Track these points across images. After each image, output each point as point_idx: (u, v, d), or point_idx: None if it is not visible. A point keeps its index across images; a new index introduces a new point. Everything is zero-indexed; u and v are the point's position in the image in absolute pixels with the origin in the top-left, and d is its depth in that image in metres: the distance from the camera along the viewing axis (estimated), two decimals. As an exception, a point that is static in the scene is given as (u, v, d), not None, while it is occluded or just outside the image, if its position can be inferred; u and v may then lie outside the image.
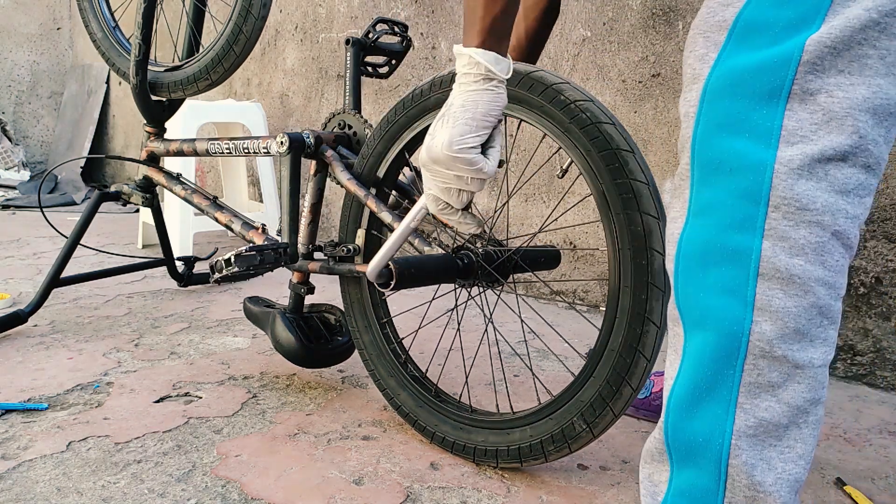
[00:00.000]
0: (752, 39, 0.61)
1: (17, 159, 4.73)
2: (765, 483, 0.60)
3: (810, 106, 0.58)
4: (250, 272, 1.20)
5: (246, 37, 1.44)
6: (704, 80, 0.64)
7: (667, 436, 0.66)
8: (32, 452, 1.06)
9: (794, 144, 0.58)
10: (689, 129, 0.65)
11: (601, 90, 1.96)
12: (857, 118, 0.57)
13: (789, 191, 0.58)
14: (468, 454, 1.08)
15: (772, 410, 0.60)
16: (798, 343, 0.59)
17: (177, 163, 2.55)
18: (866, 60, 0.57)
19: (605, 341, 0.92)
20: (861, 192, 0.59)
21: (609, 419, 0.93)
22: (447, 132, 0.82)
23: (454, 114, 0.83)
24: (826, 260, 0.58)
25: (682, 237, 0.65)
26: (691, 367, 0.64)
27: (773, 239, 0.59)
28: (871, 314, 1.49)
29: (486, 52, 0.81)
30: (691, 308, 0.64)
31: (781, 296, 0.59)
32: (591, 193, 0.94)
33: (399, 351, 1.21)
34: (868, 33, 0.56)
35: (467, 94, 0.82)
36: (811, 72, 0.58)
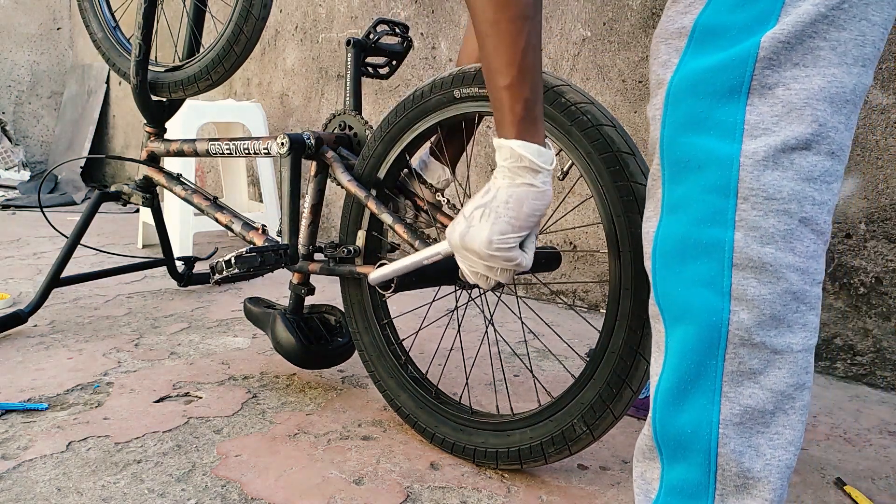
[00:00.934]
0: (710, 43, 0.63)
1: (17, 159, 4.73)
2: (754, 469, 0.62)
3: (770, 99, 0.60)
4: (251, 273, 1.20)
5: (246, 37, 1.44)
6: (667, 84, 0.66)
7: (655, 432, 0.67)
8: (32, 452, 1.06)
9: (757, 137, 0.60)
10: (657, 132, 0.68)
11: (601, 90, 1.96)
12: (815, 107, 0.59)
13: (756, 182, 0.60)
14: (468, 455, 1.08)
15: (756, 397, 0.61)
16: (775, 329, 0.61)
17: (177, 163, 2.55)
18: (819, 52, 0.59)
19: (606, 343, 0.92)
20: (827, 179, 0.61)
21: (609, 421, 0.93)
22: (487, 228, 0.80)
23: (497, 209, 0.80)
24: (796, 246, 0.60)
25: (658, 235, 0.67)
26: (674, 362, 0.65)
27: (745, 229, 0.61)
28: (871, 314, 1.49)
29: (527, 145, 0.79)
30: (670, 303, 0.66)
31: (756, 284, 0.60)
32: (592, 195, 0.94)
33: (399, 352, 1.21)
34: (818, 27, 0.59)
35: (512, 190, 0.80)
36: (768, 67, 0.60)
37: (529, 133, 0.79)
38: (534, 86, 0.78)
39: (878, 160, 1.45)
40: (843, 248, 1.52)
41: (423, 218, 1.22)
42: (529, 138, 0.79)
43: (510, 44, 0.75)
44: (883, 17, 0.60)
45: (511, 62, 0.76)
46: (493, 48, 0.76)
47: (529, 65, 0.77)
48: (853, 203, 1.49)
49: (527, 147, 0.78)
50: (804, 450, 1.18)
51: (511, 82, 0.77)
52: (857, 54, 0.60)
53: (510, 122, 0.79)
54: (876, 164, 1.46)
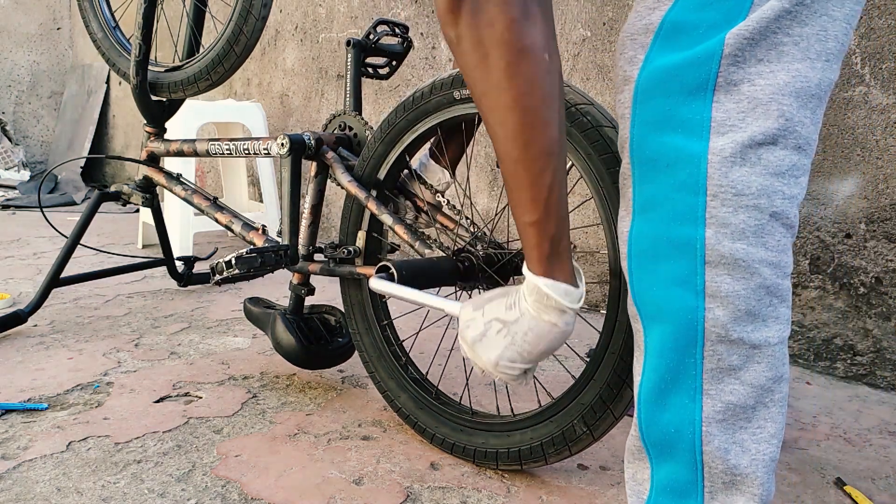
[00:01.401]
0: (677, 40, 0.63)
1: (17, 159, 4.73)
2: (741, 466, 0.62)
3: (735, 96, 0.60)
4: (251, 274, 1.20)
5: (246, 37, 1.44)
6: (634, 82, 0.66)
7: (642, 432, 0.67)
8: (32, 452, 1.06)
9: (724, 134, 0.61)
10: (626, 130, 0.67)
11: (601, 90, 1.96)
12: (781, 102, 0.60)
13: (724, 178, 0.60)
14: (468, 456, 1.08)
15: (737, 393, 0.62)
16: (752, 324, 0.61)
17: (177, 163, 2.55)
18: (782, 48, 0.60)
19: (606, 344, 0.92)
20: (795, 173, 0.61)
21: (609, 422, 0.93)
22: (500, 349, 0.80)
23: (515, 334, 0.79)
24: (767, 241, 0.61)
25: (631, 234, 0.67)
26: (654, 361, 0.66)
27: (715, 226, 0.61)
28: (871, 314, 1.49)
29: (555, 285, 0.76)
30: (647, 303, 0.66)
31: (729, 280, 0.61)
32: (592, 196, 0.94)
33: (399, 353, 1.21)
34: (781, 22, 0.59)
35: (535, 324, 0.78)
36: (733, 63, 0.60)
37: (557, 270, 0.76)
38: (559, 222, 0.75)
39: (878, 160, 1.45)
40: (843, 248, 1.52)
41: (423, 219, 1.22)
42: (558, 276, 0.76)
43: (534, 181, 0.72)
44: (844, 13, 0.61)
45: (536, 199, 0.73)
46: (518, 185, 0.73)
47: (555, 201, 0.74)
48: (853, 203, 1.49)
49: (555, 287, 0.76)
50: (804, 450, 1.18)
51: (537, 219, 0.74)
52: (820, 49, 0.60)
53: (536, 259, 0.76)
54: (876, 164, 1.46)
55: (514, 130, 0.70)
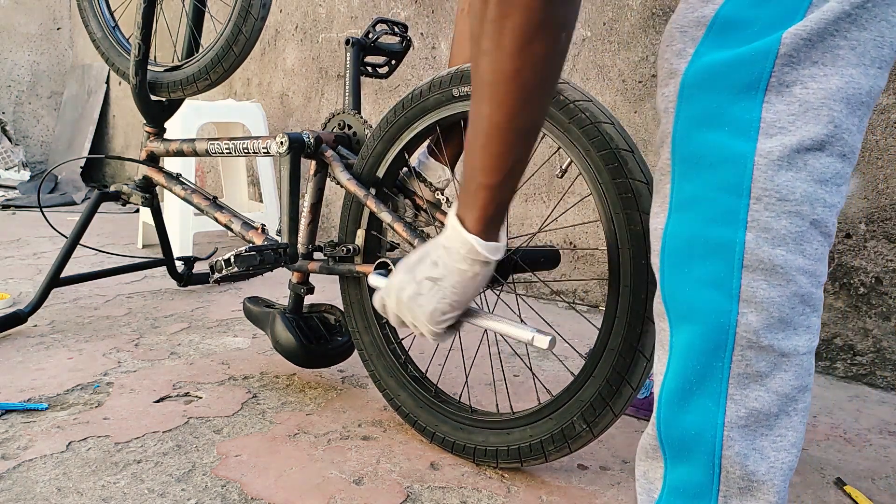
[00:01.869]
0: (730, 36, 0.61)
1: (17, 159, 4.73)
2: (758, 472, 0.61)
3: (787, 98, 0.59)
4: (250, 272, 1.20)
5: (245, 37, 1.44)
6: (682, 76, 0.64)
7: (660, 432, 0.66)
8: (32, 452, 1.06)
9: (772, 136, 0.59)
10: (669, 125, 0.65)
11: (601, 90, 1.96)
12: (832, 108, 0.58)
13: (770, 182, 0.59)
14: (468, 454, 1.08)
15: (762, 400, 0.61)
16: (783, 332, 0.60)
17: (177, 163, 2.55)
18: (838, 51, 0.58)
19: (605, 341, 0.92)
20: (838, 181, 0.60)
21: (609, 419, 0.93)
22: (432, 304, 0.84)
23: (444, 289, 0.83)
24: (805, 249, 0.59)
25: (667, 232, 0.66)
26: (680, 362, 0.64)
27: (756, 230, 0.59)
28: (871, 314, 1.49)
29: (486, 244, 0.79)
30: (677, 302, 0.65)
31: (765, 286, 0.59)
32: (591, 193, 0.94)
33: (399, 351, 1.21)
34: (840, 25, 0.57)
35: (462, 275, 0.81)
36: (787, 64, 0.58)
37: (492, 231, 0.79)
38: (511, 191, 0.77)
39: (878, 160, 1.45)
40: (843, 248, 1.52)
41: (422, 217, 1.22)
42: (491, 237, 0.79)
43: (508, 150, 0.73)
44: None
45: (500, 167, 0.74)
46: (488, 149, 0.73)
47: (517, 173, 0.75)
48: (853, 203, 1.49)
49: (486, 246, 0.79)
50: (804, 450, 1.18)
51: (494, 184, 0.75)
52: (875, 55, 0.59)
53: (477, 218, 0.78)
54: (876, 164, 1.46)
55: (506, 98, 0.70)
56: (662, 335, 0.68)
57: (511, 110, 0.70)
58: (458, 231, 0.79)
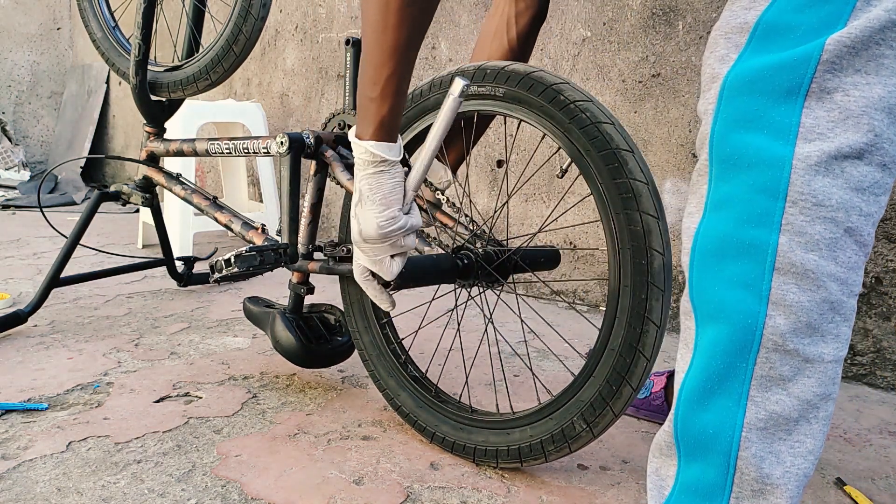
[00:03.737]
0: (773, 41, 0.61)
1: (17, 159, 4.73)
2: (773, 476, 0.61)
3: (827, 104, 0.59)
4: (250, 272, 1.20)
5: (246, 37, 1.44)
6: (723, 79, 0.64)
7: (676, 429, 0.66)
8: (32, 452, 1.06)
9: (811, 141, 0.59)
10: (708, 126, 0.66)
11: (601, 90, 1.96)
12: (872, 117, 0.58)
13: (807, 186, 0.59)
14: (468, 454, 1.08)
15: (782, 404, 0.61)
16: (809, 337, 0.60)
17: (177, 163, 2.55)
18: (882, 60, 0.58)
19: (605, 341, 0.92)
20: (876, 191, 0.59)
21: (609, 419, 0.93)
22: (371, 215, 0.90)
23: (367, 198, 0.90)
24: (838, 256, 0.59)
25: (699, 231, 0.66)
26: (703, 360, 0.64)
27: (790, 234, 0.59)
28: (871, 314, 1.49)
29: (379, 144, 0.88)
30: (705, 301, 0.65)
31: (796, 290, 0.59)
32: (591, 193, 0.94)
33: (399, 351, 1.21)
34: (886, 34, 0.57)
35: (370, 178, 0.90)
36: (829, 70, 0.58)
37: (385, 135, 0.89)
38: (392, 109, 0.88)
39: (878, 159, 1.45)
40: (843, 247, 1.52)
41: (423, 217, 1.22)
42: (385, 139, 0.89)
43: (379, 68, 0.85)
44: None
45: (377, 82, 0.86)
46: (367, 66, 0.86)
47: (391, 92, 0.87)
48: (853, 202, 1.49)
49: (378, 146, 0.88)
50: (804, 449, 1.18)
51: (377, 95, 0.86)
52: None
53: (370, 127, 0.88)
54: (876, 163, 1.46)
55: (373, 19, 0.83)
56: (687, 333, 0.68)
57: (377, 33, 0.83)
58: (356, 143, 0.90)
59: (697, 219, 0.67)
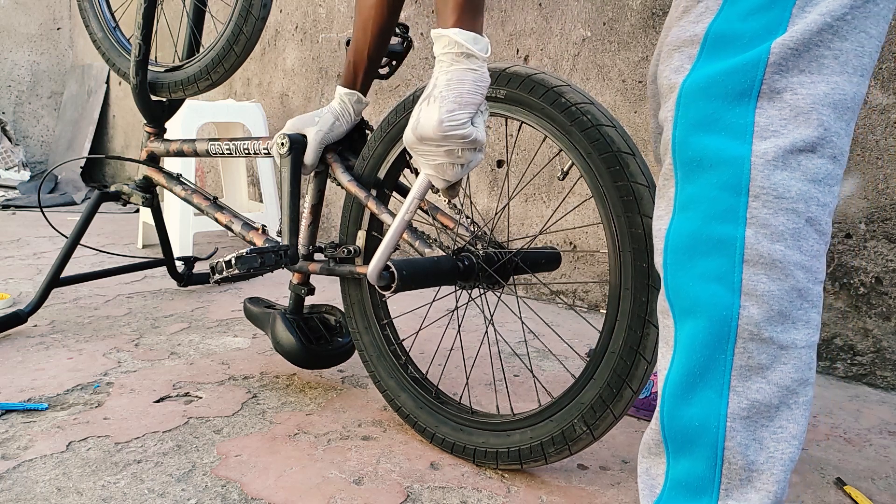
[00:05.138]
0: (723, 49, 0.66)
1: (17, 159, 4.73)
2: (757, 462, 0.63)
3: (778, 103, 0.63)
4: (251, 274, 1.20)
5: (246, 37, 1.44)
6: (679, 88, 0.68)
7: (663, 426, 0.68)
8: (32, 452, 1.06)
9: (766, 139, 0.63)
10: (669, 133, 0.70)
11: (601, 90, 1.96)
12: (820, 112, 0.62)
13: (767, 181, 0.62)
14: (468, 455, 1.08)
15: (763, 392, 0.63)
16: (782, 325, 0.63)
17: (177, 163, 2.55)
18: (822, 60, 0.62)
19: (606, 343, 0.92)
20: (830, 182, 0.63)
21: (610, 421, 0.93)
22: (436, 111, 0.83)
23: (440, 93, 0.84)
24: (802, 245, 0.62)
25: (670, 231, 0.69)
26: (684, 355, 0.66)
27: (756, 226, 0.63)
28: (871, 314, 1.49)
29: (463, 32, 0.83)
30: (681, 298, 0.67)
31: (766, 280, 0.62)
32: (592, 196, 0.94)
33: (399, 352, 1.21)
34: (823, 36, 0.62)
35: (451, 73, 0.83)
36: (777, 72, 0.63)
37: (468, 22, 0.83)
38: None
39: (878, 160, 1.45)
40: (843, 248, 1.52)
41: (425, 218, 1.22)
42: (468, 27, 0.83)
43: None
44: (878, 31, 0.64)
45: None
46: None
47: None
48: (853, 203, 1.49)
49: (462, 34, 0.82)
50: (804, 450, 1.18)
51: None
52: (857, 64, 0.63)
53: (452, 9, 0.82)
54: (876, 164, 1.46)
55: None
56: (666, 332, 0.70)
57: None
58: (437, 34, 0.84)
59: (667, 221, 0.70)
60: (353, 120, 1.23)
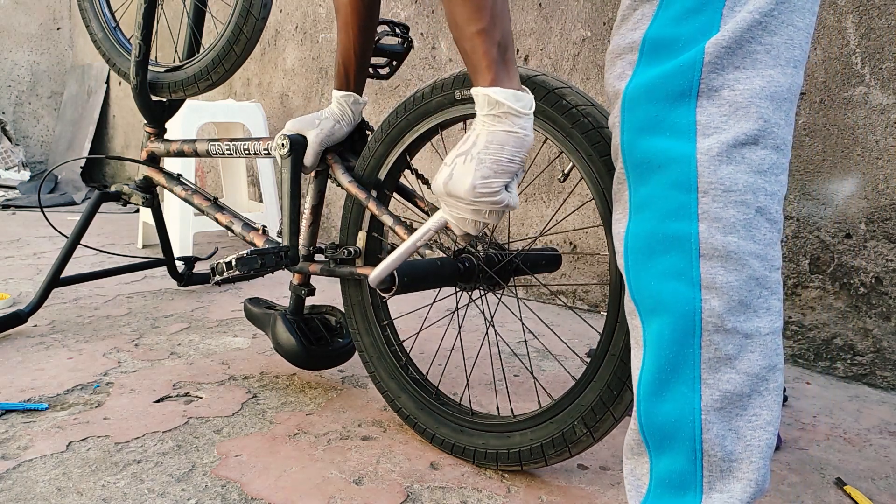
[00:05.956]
0: (660, 53, 0.68)
1: (17, 159, 4.73)
2: (736, 451, 0.64)
3: (717, 100, 0.65)
4: (251, 275, 1.20)
5: (246, 37, 1.44)
6: (622, 94, 0.70)
7: (641, 425, 0.69)
8: (32, 452, 1.06)
9: (709, 136, 0.65)
10: (617, 138, 0.71)
11: (601, 91, 1.96)
12: (759, 105, 0.64)
13: (714, 175, 0.64)
14: (468, 457, 1.08)
15: (733, 382, 0.64)
16: (744, 314, 0.64)
17: (177, 163, 2.55)
18: (756, 56, 0.64)
19: (607, 345, 0.92)
20: (775, 171, 0.65)
21: (610, 423, 0.93)
22: (470, 174, 0.80)
23: (478, 154, 0.80)
24: (755, 235, 0.64)
25: (628, 234, 0.71)
26: (653, 353, 0.68)
27: (708, 221, 0.64)
28: (871, 314, 1.49)
29: (503, 90, 0.79)
30: (645, 297, 0.69)
31: (723, 272, 0.64)
32: (593, 197, 0.94)
33: (400, 353, 1.21)
34: (754, 32, 0.64)
35: (492, 135, 0.80)
36: (713, 71, 0.65)
37: (505, 79, 0.80)
38: (505, 30, 0.79)
39: (878, 160, 1.45)
40: (843, 248, 1.52)
41: (424, 218, 1.22)
42: (506, 84, 0.80)
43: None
44: (805, 23, 0.66)
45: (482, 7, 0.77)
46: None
47: (500, 9, 0.78)
48: (853, 203, 1.49)
49: (503, 93, 0.79)
50: (804, 450, 1.18)
51: (484, 27, 0.77)
52: (788, 56, 0.65)
53: (485, 68, 0.79)
54: (876, 164, 1.46)
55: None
56: (636, 332, 0.71)
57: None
58: (475, 93, 0.81)
59: (624, 223, 0.71)
60: (354, 121, 1.23)
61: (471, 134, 0.82)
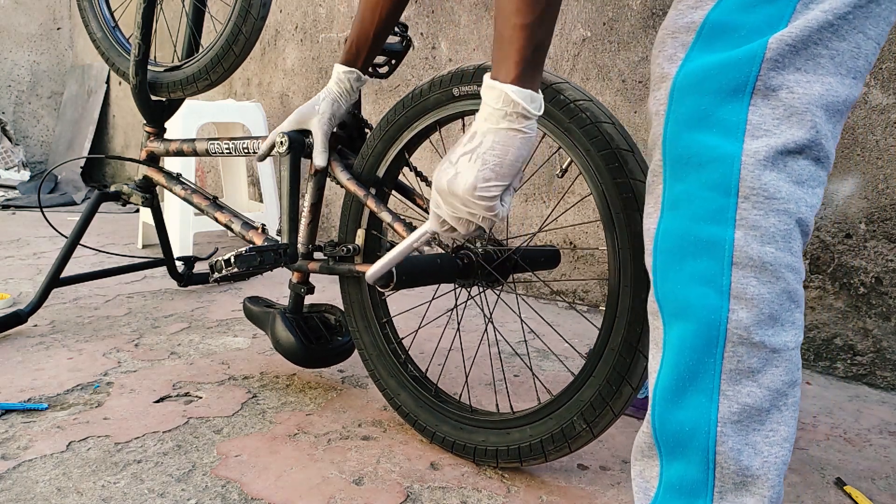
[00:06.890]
0: (719, 40, 0.63)
1: (17, 159, 4.73)
2: (752, 467, 0.62)
3: (772, 101, 0.61)
4: (250, 272, 1.20)
5: (245, 37, 1.44)
6: (672, 79, 0.66)
7: (654, 429, 0.67)
8: (32, 452, 1.06)
9: (758, 138, 0.61)
10: (660, 127, 0.67)
11: (601, 90, 1.96)
12: (814, 114, 0.60)
13: (757, 181, 0.61)
14: (468, 454, 1.08)
15: (754, 396, 0.62)
16: (772, 328, 0.61)
17: (177, 163, 2.55)
18: (819, 60, 0.60)
19: (605, 341, 0.92)
20: (813, 184, 0.62)
21: (609, 418, 0.93)
22: (472, 174, 0.78)
23: (483, 154, 0.78)
24: (792, 246, 0.61)
25: (658, 231, 0.67)
26: (673, 359, 0.65)
27: (745, 228, 0.61)
28: (871, 314, 1.49)
29: (521, 91, 0.75)
30: (670, 300, 0.66)
31: (755, 283, 0.61)
32: (591, 193, 0.94)
33: (399, 351, 1.21)
34: (823, 34, 0.60)
35: (499, 135, 0.77)
36: (773, 69, 0.60)
37: (528, 80, 0.76)
38: (547, 31, 0.75)
39: (878, 160, 1.45)
40: (843, 248, 1.52)
41: (423, 216, 1.22)
42: (527, 85, 0.76)
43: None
44: (877, 32, 0.62)
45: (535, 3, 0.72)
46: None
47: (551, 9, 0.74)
48: (853, 203, 1.49)
49: (521, 93, 0.75)
50: (804, 450, 1.18)
51: (530, 22, 0.73)
52: (852, 66, 0.61)
53: (514, 64, 0.75)
54: (876, 164, 1.46)
55: None
56: (656, 333, 0.69)
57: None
58: (491, 86, 0.76)
59: (655, 219, 0.68)
60: (353, 98, 1.21)
61: (476, 131, 0.79)
